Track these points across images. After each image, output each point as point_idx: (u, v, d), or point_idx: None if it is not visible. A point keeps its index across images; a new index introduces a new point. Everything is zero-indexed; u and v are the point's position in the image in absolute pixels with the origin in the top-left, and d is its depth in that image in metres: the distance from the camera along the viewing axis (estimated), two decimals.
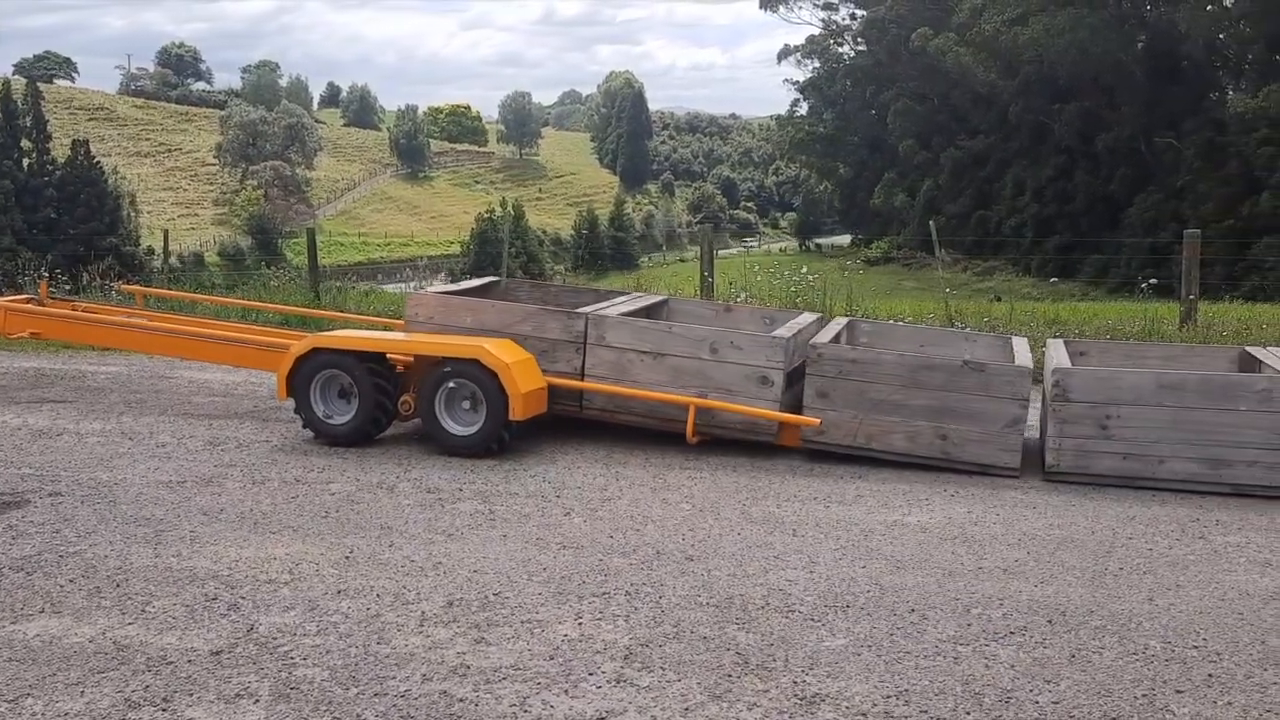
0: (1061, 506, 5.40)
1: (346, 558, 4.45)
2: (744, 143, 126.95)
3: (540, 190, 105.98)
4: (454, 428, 6.14)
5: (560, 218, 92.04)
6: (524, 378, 6.07)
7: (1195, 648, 3.69)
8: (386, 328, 7.70)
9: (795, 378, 6.26)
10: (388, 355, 6.34)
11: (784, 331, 6.41)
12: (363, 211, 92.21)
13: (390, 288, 17.30)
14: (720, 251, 62.79)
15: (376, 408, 6.24)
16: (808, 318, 7.06)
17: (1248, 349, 6.63)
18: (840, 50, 72.26)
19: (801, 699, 3.29)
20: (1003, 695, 3.33)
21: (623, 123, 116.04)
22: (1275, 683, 3.43)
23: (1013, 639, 3.74)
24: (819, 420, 6.02)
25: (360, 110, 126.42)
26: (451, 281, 12.89)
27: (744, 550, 4.63)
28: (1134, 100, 49.95)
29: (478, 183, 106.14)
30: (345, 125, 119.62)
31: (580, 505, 5.25)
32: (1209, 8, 46.90)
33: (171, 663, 3.48)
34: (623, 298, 7.45)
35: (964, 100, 59.89)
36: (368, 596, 4.04)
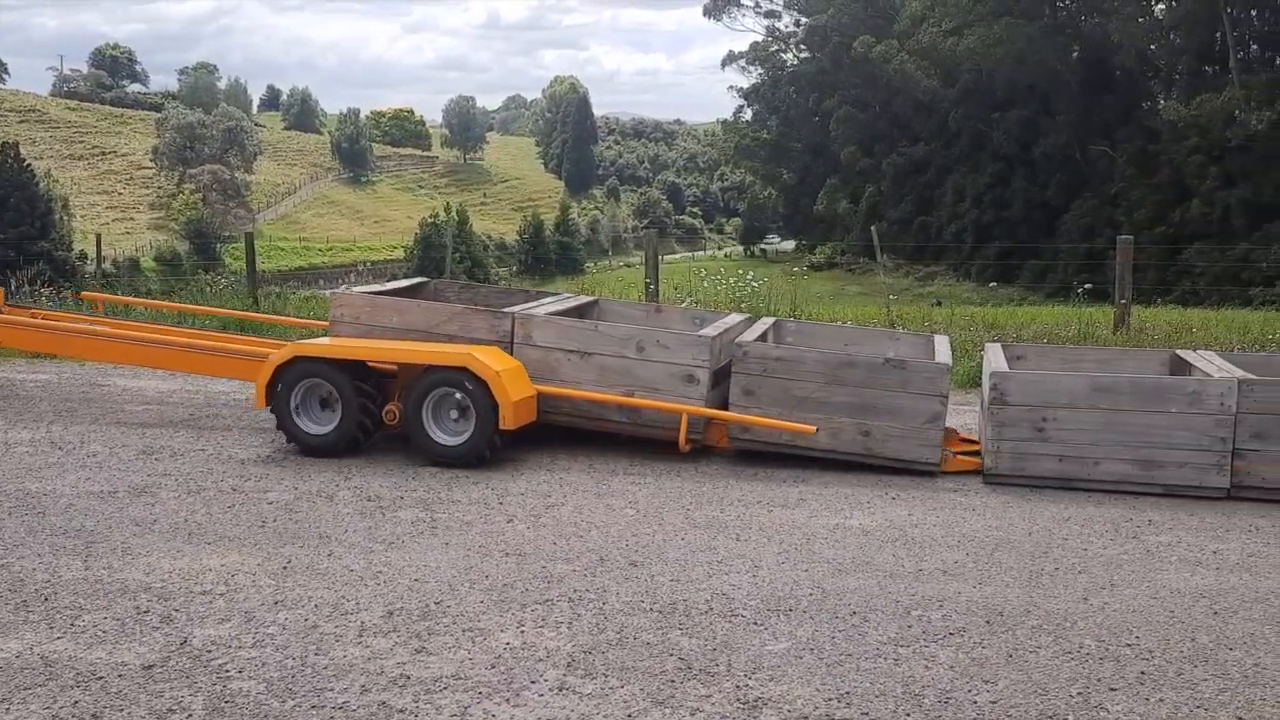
0: (999, 508, 5.48)
1: (284, 568, 4.38)
2: (689, 148, 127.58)
3: (485, 195, 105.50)
4: (441, 437, 6.03)
5: (505, 223, 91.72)
6: (514, 386, 5.97)
7: (1129, 646, 3.76)
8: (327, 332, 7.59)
9: (722, 376, 6.29)
10: (371, 363, 6.22)
11: (710, 331, 6.44)
12: (304, 216, 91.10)
13: (331, 293, 17.07)
14: (666, 257, 62.86)
15: (360, 417, 6.10)
16: (735, 318, 7.12)
17: (1178, 352, 6.78)
18: (784, 57, 72.89)
19: (744, 703, 3.30)
20: (942, 696, 3.36)
21: (568, 128, 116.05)
22: (1205, 679, 3.51)
23: (952, 640, 3.78)
24: (814, 428, 6.00)
25: (301, 114, 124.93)
26: None
27: (687, 555, 4.63)
28: (1069, 109, 51.03)
29: (421, 187, 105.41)
30: (286, 129, 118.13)
31: (523, 512, 5.21)
32: (1141, 19, 48.07)
33: (101, 678, 3.39)
34: (552, 298, 7.43)
35: (905, 108, 60.75)
36: (305, 607, 3.97)
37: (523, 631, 3.79)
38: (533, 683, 3.40)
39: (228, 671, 3.45)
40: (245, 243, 13.99)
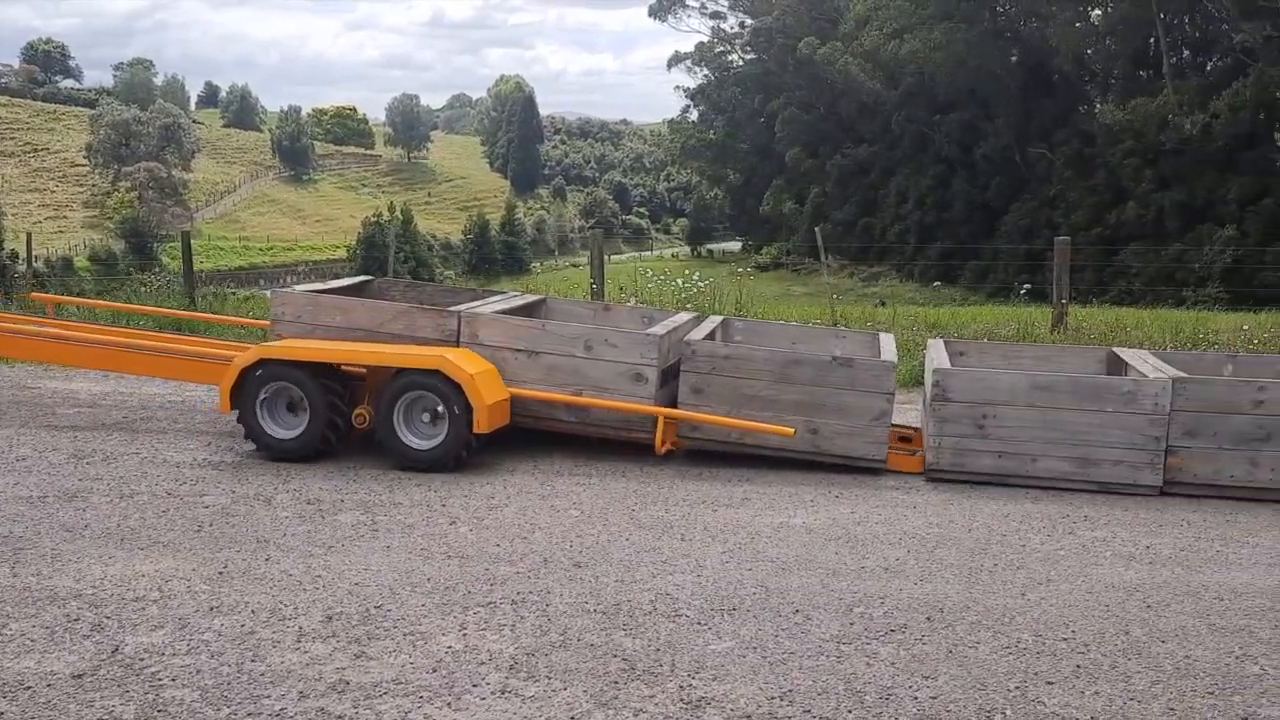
0: (940, 505, 5.54)
1: (220, 573, 4.29)
2: (636, 148, 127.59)
3: (429, 194, 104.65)
4: (414, 441, 5.93)
5: (450, 222, 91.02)
6: (488, 389, 5.90)
7: (1065, 640, 3.82)
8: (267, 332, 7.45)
9: (671, 375, 6.30)
10: (340, 366, 6.11)
11: (658, 329, 6.44)
12: (244, 215, 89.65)
13: (273, 292, 16.79)
14: (613, 257, 62.77)
15: (329, 421, 5.97)
16: (683, 316, 7.13)
17: (1115, 351, 6.91)
18: (729, 58, 73.24)
19: (687, 703, 3.29)
20: (883, 692, 3.39)
21: (513, 127, 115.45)
22: (1139, 672, 3.57)
23: (893, 637, 3.81)
24: (794, 430, 5.99)
25: (240, 111, 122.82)
26: None
27: (632, 556, 4.62)
28: (1009, 112, 51.88)
29: (364, 186, 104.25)
30: (225, 126, 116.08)
31: (466, 514, 5.16)
32: (1078, 24, 49.00)
33: (29, 688, 3.29)
34: (499, 297, 7.38)
35: (849, 109, 61.34)
36: (242, 613, 3.89)
37: (465, 634, 3.75)
38: (475, 686, 3.37)
39: (160, 680, 3.37)
40: (182, 241, 13.71)
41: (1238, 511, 5.53)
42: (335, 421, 6.00)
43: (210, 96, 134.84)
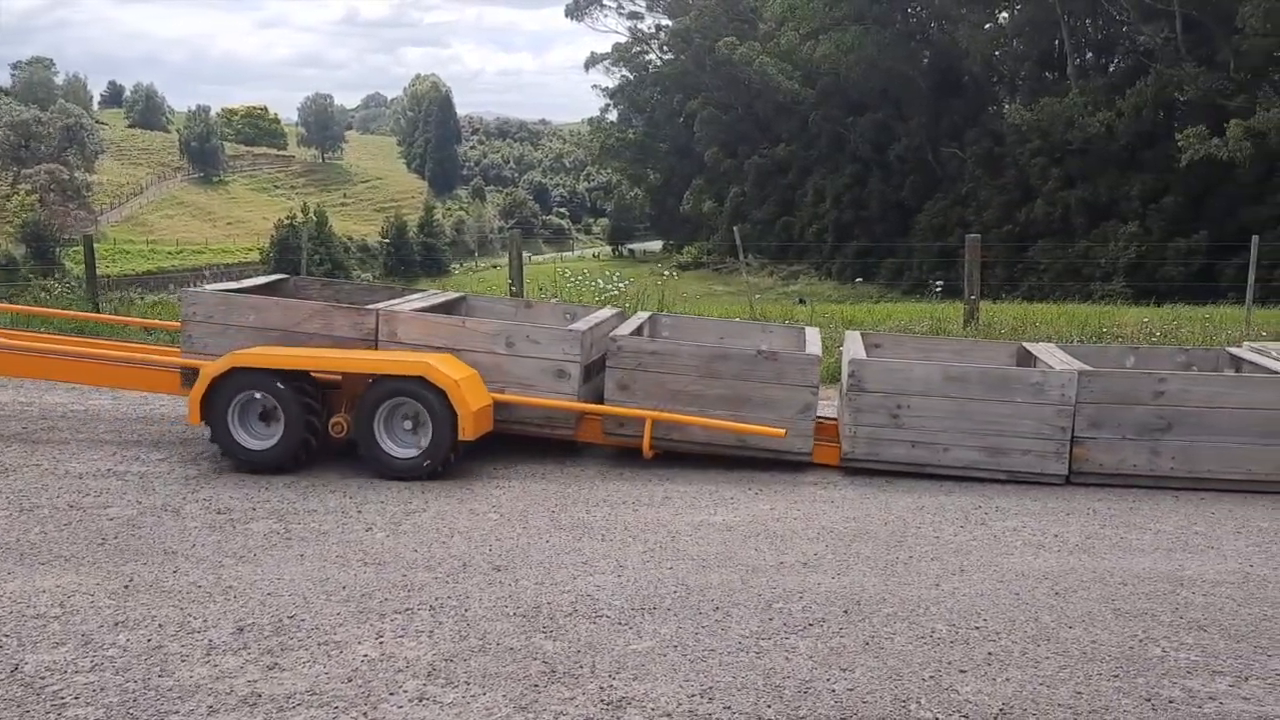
0: (858, 499, 5.62)
1: (125, 587, 4.15)
2: (555, 148, 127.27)
3: (345, 195, 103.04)
4: (395, 450, 5.80)
5: (367, 224, 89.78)
6: (473, 395, 5.78)
7: (977, 629, 3.90)
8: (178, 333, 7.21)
9: (595, 371, 6.29)
10: (314, 373, 5.95)
11: (581, 325, 6.42)
12: (151, 218, 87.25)
13: (183, 292, 16.33)
14: (534, 258, 62.48)
15: (304, 430, 5.80)
16: (606, 312, 7.13)
17: (1024, 345, 7.09)
18: (647, 58, 73.42)
19: (608, 704, 3.28)
20: (801, 686, 3.42)
21: (430, 127, 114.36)
22: (1048, 657, 3.66)
23: (811, 631, 3.85)
24: (784, 431, 6.00)
25: (146, 111, 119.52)
26: None
27: (552, 558, 4.60)
28: (921, 112, 52.90)
29: (277, 187, 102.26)
30: (130, 127, 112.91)
31: (383, 520, 5.08)
32: (986, 26, 50.12)
33: None
34: (418, 295, 7.29)
35: (766, 109, 61.92)
36: (149, 627, 3.78)
37: (381, 642, 3.69)
38: (391, 694, 3.32)
39: (63, 698, 3.25)
40: (84, 245, 13.28)
41: (1140, 499, 5.71)
42: (311, 431, 5.85)
43: (114, 96, 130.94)
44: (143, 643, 3.65)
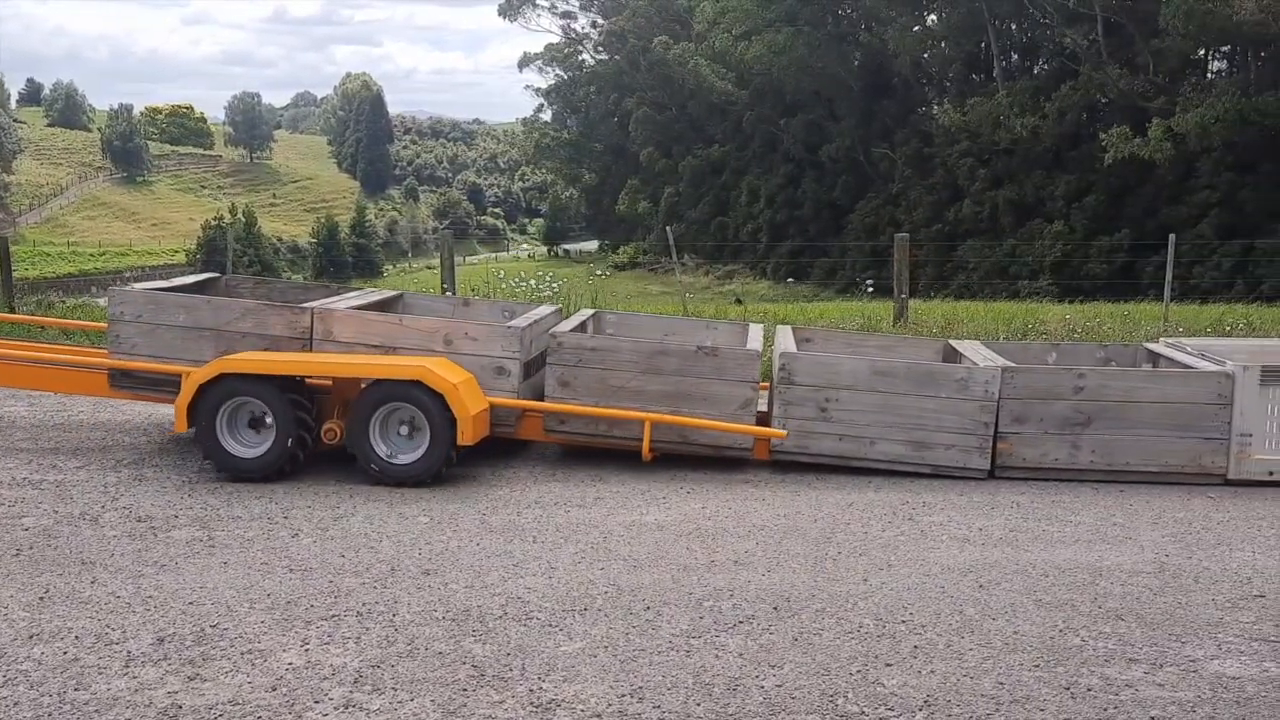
0: (789, 497, 5.67)
1: (40, 598, 4.04)
2: (489, 148, 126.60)
3: (275, 196, 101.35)
4: (392, 456, 5.70)
5: (298, 225, 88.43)
6: (471, 399, 5.69)
7: (903, 622, 3.95)
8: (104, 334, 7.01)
9: (535, 368, 6.27)
10: (306, 379, 5.81)
11: (520, 321, 6.40)
12: (72, 219, 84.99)
13: (110, 290, 15.90)
14: (468, 258, 62.00)
15: (297, 437, 5.66)
16: (545, 309, 7.11)
17: (950, 341, 7.22)
18: (582, 58, 73.30)
19: (537, 706, 3.27)
20: (731, 684, 3.44)
21: (362, 126, 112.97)
22: (971, 649, 3.73)
23: (741, 628, 3.88)
24: (785, 433, 6.03)
25: (66, 109, 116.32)
26: None
27: (482, 560, 4.57)
28: (852, 113, 53.54)
29: (204, 188, 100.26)
30: (49, 125, 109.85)
31: (310, 525, 5.00)
32: (915, 28, 50.88)
33: None
34: (354, 294, 7.20)
35: (701, 110, 62.19)
36: (65, 639, 3.67)
37: (307, 650, 3.63)
38: (316, 703, 3.27)
39: None
40: None
41: (1062, 492, 5.84)
42: (303, 437, 5.72)
43: (33, 94, 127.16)
44: (59, 656, 3.54)
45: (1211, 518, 5.42)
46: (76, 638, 3.69)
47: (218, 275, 7.71)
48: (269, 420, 5.71)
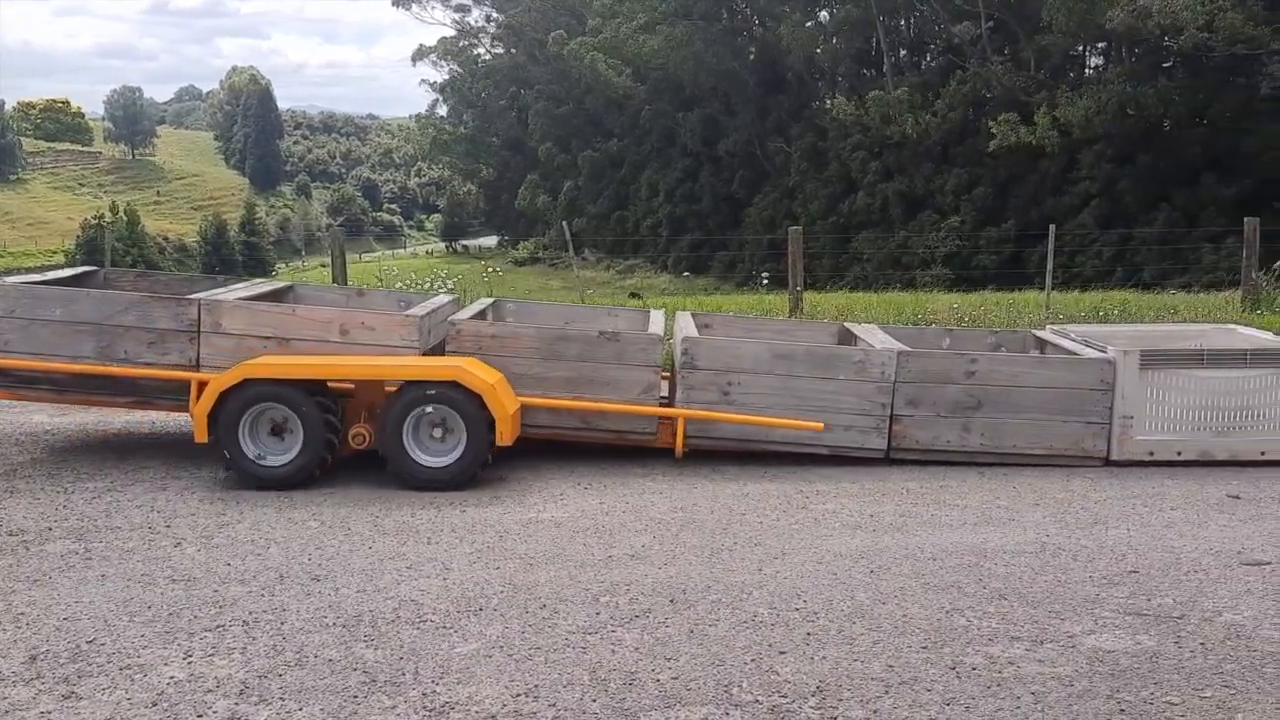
0: (685, 489, 5.70)
1: None
2: (384, 144, 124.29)
3: (159, 193, 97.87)
4: (425, 459, 5.53)
5: (184, 223, 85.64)
6: (507, 398, 5.58)
7: (797, 610, 4.01)
8: None
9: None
10: (330, 382, 5.60)
11: (417, 310, 6.31)
12: None
13: None
14: (364, 256, 60.80)
15: (325, 443, 5.44)
16: (442, 298, 7.04)
17: (846, 325, 7.36)
18: (477, 52, 72.53)
19: (430, 710, 3.22)
20: (627, 678, 3.43)
21: (250, 121, 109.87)
22: (862, 634, 3.80)
23: (637, 622, 3.88)
24: (821, 425, 6.03)
25: None
26: None
27: (375, 564, 4.48)
28: (748, 108, 54.13)
29: (83, 186, 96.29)
30: None
31: (194, 534, 4.84)
32: (807, 24, 51.65)
33: None
34: (243, 285, 7.00)
35: (599, 104, 62.13)
36: None
37: (190, 663, 3.51)
38: (200, 717, 3.16)
39: None
40: None
41: (949, 476, 6.00)
42: (331, 443, 5.52)
43: None
44: None
45: (1090, 497, 5.62)
46: None
47: (95, 269, 7.43)
48: (291, 426, 5.53)
